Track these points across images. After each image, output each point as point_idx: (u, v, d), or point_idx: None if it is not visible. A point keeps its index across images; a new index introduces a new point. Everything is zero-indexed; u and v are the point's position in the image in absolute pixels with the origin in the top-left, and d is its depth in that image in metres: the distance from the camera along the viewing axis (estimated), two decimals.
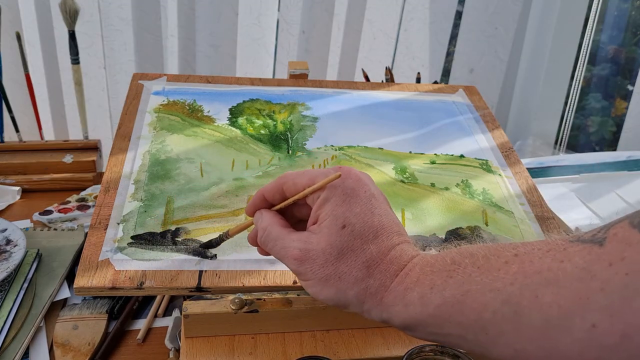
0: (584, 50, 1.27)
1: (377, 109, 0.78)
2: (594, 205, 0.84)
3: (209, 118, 0.72)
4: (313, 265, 0.40)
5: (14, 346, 0.59)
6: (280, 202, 0.45)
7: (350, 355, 0.51)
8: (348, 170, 0.42)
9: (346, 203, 0.40)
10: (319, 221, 0.41)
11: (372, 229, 0.40)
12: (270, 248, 0.43)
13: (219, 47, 1.25)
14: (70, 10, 0.90)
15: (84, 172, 0.94)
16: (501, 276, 0.33)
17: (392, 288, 0.38)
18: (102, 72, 1.21)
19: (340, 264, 0.39)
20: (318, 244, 0.40)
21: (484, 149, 0.73)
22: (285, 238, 0.42)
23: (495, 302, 0.33)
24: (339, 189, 0.41)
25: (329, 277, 0.39)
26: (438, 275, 0.36)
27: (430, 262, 0.38)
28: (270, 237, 0.43)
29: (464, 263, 0.36)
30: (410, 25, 1.28)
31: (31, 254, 0.70)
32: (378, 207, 0.41)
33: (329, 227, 0.40)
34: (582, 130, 1.62)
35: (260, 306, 0.52)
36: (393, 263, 0.39)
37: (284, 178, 0.44)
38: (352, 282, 0.39)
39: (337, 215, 0.40)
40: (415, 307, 0.37)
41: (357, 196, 0.41)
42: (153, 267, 0.51)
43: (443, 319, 0.36)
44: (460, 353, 0.46)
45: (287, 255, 0.41)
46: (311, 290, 0.41)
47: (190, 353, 0.51)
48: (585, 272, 0.30)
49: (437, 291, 0.36)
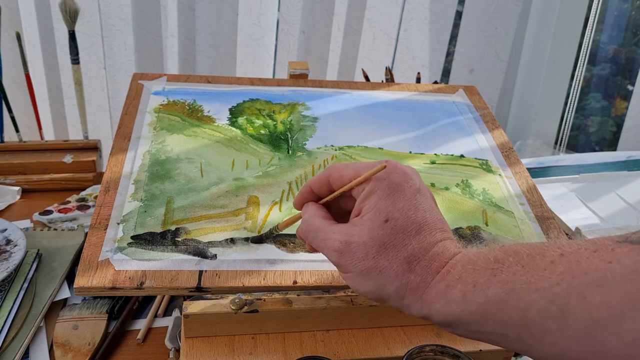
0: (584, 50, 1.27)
1: (377, 109, 0.78)
2: (594, 205, 0.84)
3: (209, 118, 0.72)
4: (353, 258, 0.40)
5: (14, 346, 0.59)
6: (328, 194, 0.45)
7: (350, 355, 0.51)
8: (394, 164, 0.42)
9: (390, 197, 0.40)
10: (362, 214, 0.41)
11: (415, 225, 0.40)
12: (312, 239, 0.43)
13: (219, 47, 1.25)
14: (70, 10, 0.90)
15: (84, 172, 0.95)
16: (547, 276, 0.33)
17: (434, 285, 0.38)
18: (102, 72, 1.21)
19: (382, 258, 0.39)
20: (359, 236, 0.40)
21: (484, 149, 0.73)
22: (327, 230, 0.42)
23: (542, 301, 0.33)
24: (384, 182, 0.41)
25: (370, 270, 0.39)
26: (481, 273, 0.36)
27: (472, 259, 0.38)
28: (311, 228, 0.43)
29: (508, 261, 0.36)
30: (410, 25, 1.28)
31: (31, 254, 0.70)
32: (423, 202, 0.41)
33: (371, 220, 0.40)
34: (582, 130, 1.62)
35: (260, 306, 0.52)
36: (435, 259, 0.39)
37: (330, 170, 0.44)
38: (392, 277, 0.39)
39: (381, 209, 0.40)
40: (457, 304, 0.37)
41: (402, 190, 0.41)
42: (153, 267, 0.51)
43: (486, 318, 0.35)
44: (460, 353, 0.46)
45: (327, 247, 0.41)
46: (351, 283, 0.41)
47: (190, 353, 0.51)
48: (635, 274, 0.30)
49: (480, 289, 0.36)
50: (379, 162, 0.41)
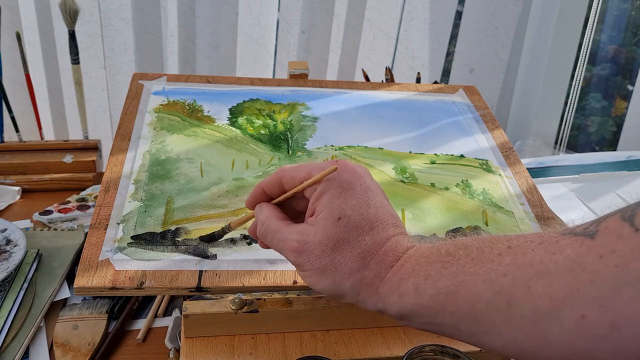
0: (584, 50, 1.27)
1: (377, 109, 0.78)
2: (593, 205, 0.84)
3: (209, 118, 0.72)
4: (310, 257, 0.41)
5: (14, 346, 0.59)
6: (279, 195, 0.45)
7: (350, 355, 0.51)
8: (344, 163, 0.43)
9: (342, 195, 0.41)
10: (316, 213, 0.42)
11: (368, 221, 0.41)
12: (270, 241, 0.44)
13: (219, 47, 1.25)
14: (70, 10, 0.90)
15: (84, 172, 0.95)
16: (494, 267, 0.34)
17: (387, 279, 0.39)
18: (102, 72, 1.21)
19: (337, 255, 0.40)
20: (315, 235, 0.41)
21: (484, 149, 0.73)
22: (284, 230, 0.43)
23: (488, 293, 0.33)
24: (335, 182, 0.41)
25: (326, 267, 0.40)
26: (432, 266, 0.37)
27: (425, 253, 0.39)
28: (269, 229, 0.44)
29: (458, 254, 0.36)
30: (410, 25, 1.28)
31: (31, 254, 0.70)
32: (374, 199, 0.42)
33: (325, 219, 0.41)
34: (582, 130, 1.62)
35: (260, 306, 0.52)
36: (388, 254, 0.40)
37: (282, 172, 0.44)
38: (348, 273, 0.40)
39: (333, 208, 0.41)
40: (409, 297, 0.37)
41: (352, 189, 0.41)
42: (153, 267, 0.51)
43: (437, 310, 0.36)
44: (460, 353, 0.46)
45: (285, 247, 0.42)
46: (308, 281, 0.42)
47: (190, 353, 0.51)
48: (576, 264, 0.30)
49: (431, 282, 0.37)
50: (330, 163, 0.42)
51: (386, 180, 0.65)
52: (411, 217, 0.60)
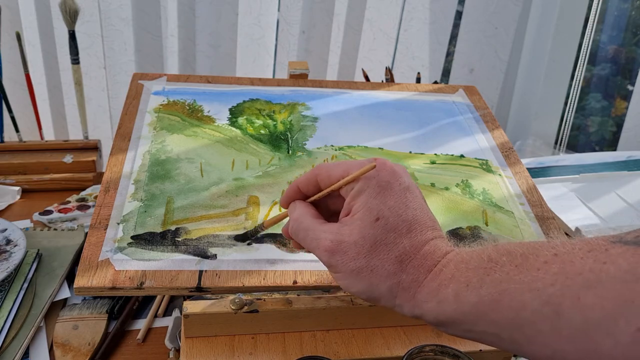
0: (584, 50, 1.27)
1: (377, 109, 0.78)
2: (594, 205, 0.84)
3: (209, 118, 0.72)
4: (344, 258, 0.39)
5: (14, 346, 0.59)
6: (315, 193, 0.44)
7: (350, 355, 0.51)
8: (383, 162, 0.41)
9: (380, 195, 0.40)
10: (352, 213, 0.40)
11: (406, 223, 0.39)
12: (302, 239, 0.42)
13: (219, 47, 1.25)
14: (70, 10, 0.90)
15: (84, 172, 0.95)
16: (541, 276, 0.33)
17: (426, 284, 0.38)
18: (102, 72, 1.21)
19: (373, 257, 0.39)
20: (350, 235, 0.39)
21: (484, 149, 0.73)
22: (317, 229, 0.41)
23: (535, 302, 0.32)
24: (374, 181, 0.40)
25: (361, 270, 0.39)
26: (474, 272, 0.36)
27: (465, 258, 0.37)
28: (301, 227, 0.42)
29: (501, 261, 0.35)
30: (410, 25, 1.28)
31: (31, 254, 0.70)
32: (412, 200, 0.40)
33: (362, 219, 0.39)
34: (582, 130, 1.62)
35: (260, 306, 0.52)
36: (426, 258, 0.39)
37: (318, 169, 0.43)
38: (384, 276, 0.39)
39: (371, 208, 0.39)
40: (449, 304, 0.36)
41: (391, 189, 0.40)
42: (153, 267, 0.51)
43: (478, 317, 0.35)
44: (460, 353, 0.46)
45: (318, 247, 0.41)
46: (342, 283, 0.40)
47: (190, 353, 0.51)
48: (630, 275, 0.29)
49: (473, 289, 0.35)
50: (368, 161, 0.41)
51: None
52: None
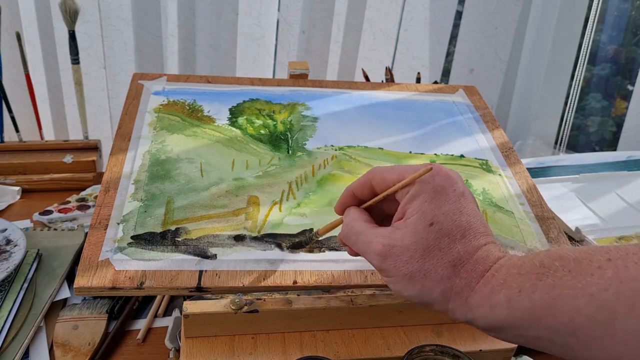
0: (584, 50, 1.27)
1: (377, 109, 0.78)
2: (594, 205, 0.84)
3: (209, 118, 0.72)
4: (397, 262, 0.39)
5: (14, 346, 0.59)
6: (370, 198, 0.44)
7: (350, 355, 0.51)
8: (438, 167, 0.41)
9: (435, 200, 0.40)
10: (406, 217, 0.40)
11: (460, 229, 0.40)
12: (353, 243, 0.43)
13: (219, 47, 1.25)
14: (70, 10, 0.90)
15: (84, 172, 0.95)
16: (595, 281, 0.33)
17: (478, 289, 0.38)
18: (102, 72, 1.21)
19: (426, 262, 0.39)
20: (403, 240, 0.40)
21: (484, 149, 0.73)
22: (369, 233, 0.41)
23: (589, 307, 0.32)
24: (429, 186, 0.40)
25: (414, 274, 0.39)
26: (526, 277, 0.36)
27: (517, 264, 0.37)
28: (353, 231, 0.43)
29: (554, 266, 0.35)
30: (410, 25, 1.28)
31: (31, 254, 0.70)
32: (467, 206, 0.41)
33: (415, 224, 0.40)
34: (582, 130, 1.62)
35: (260, 306, 0.52)
36: (479, 263, 0.39)
37: (372, 173, 0.43)
38: (437, 281, 0.39)
39: (426, 212, 0.40)
40: (502, 309, 0.36)
41: (446, 194, 0.40)
42: (153, 267, 0.51)
43: (531, 322, 0.35)
44: (460, 353, 0.46)
45: (370, 250, 0.41)
46: (395, 287, 0.41)
47: (190, 353, 0.51)
48: None
49: (525, 294, 0.35)
50: (423, 165, 0.41)
51: None
52: None
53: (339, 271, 0.53)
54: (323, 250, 0.55)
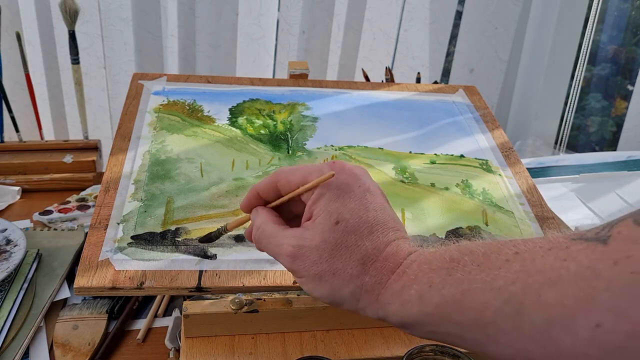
0: (584, 50, 1.27)
1: (377, 109, 0.78)
2: (594, 205, 0.84)
3: (209, 118, 0.72)
4: (306, 262, 0.39)
5: (14, 346, 0.59)
6: (275, 199, 0.44)
7: (350, 355, 0.51)
8: (341, 165, 0.41)
9: (340, 198, 0.40)
10: (313, 217, 0.40)
11: (367, 225, 0.39)
12: (265, 245, 0.42)
13: (219, 47, 1.25)
14: (70, 10, 0.90)
15: (84, 172, 0.95)
16: (502, 274, 0.33)
17: (389, 285, 0.38)
18: (102, 72, 1.21)
19: (335, 261, 0.39)
20: (312, 240, 0.39)
21: (484, 149, 0.73)
22: (279, 235, 0.41)
23: (496, 301, 0.32)
24: (333, 185, 0.40)
25: (323, 274, 0.39)
26: (436, 272, 0.36)
27: (428, 259, 0.37)
28: (264, 234, 0.42)
29: (463, 260, 0.35)
30: (410, 25, 1.28)
31: (31, 254, 0.70)
32: (373, 202, 0.40)
33: (322, 224, 0.39)
34: (582, 130, 1.62)
35: (260, 306, 0.52)
36: (389, 260, 0.38)
37: (277, 175, 0.43)
38: (347, 279, 0.38)
39: (331, 211, 0.39)
40: (412, 305, 0.36)
41: (351, 191, 0.40)
42: (153, 267, 0.51)
43: (441, 318, 0.35)
44: (460, 353, 0.46)
45: (280, 253, 0.41)
46: (306, 288, 0.41)
47: (190, 353, 0.51)
48: (590, 271, 0.29)
49: (435, 289, 0.35)
50: (327, 166, 0.41)
51: (386, 180, 0.65)
52: (411, 217, 0.60)
53: None
54: None
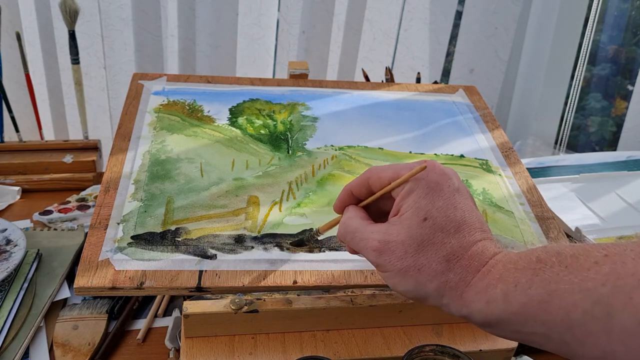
0: (584, 50, 1.27)
1: (377, 109, 0.78)
2: (594, 205, 0.84)
3: (209, 118, 0.72)
4: (392, 257, 0.40)
5: (14, 346, 0.59)
6: (367, 196, 0.45)
7: (350, 355, 0.51)
8: (432, 164, 0.42)
9: (429, 196, 0.40)
10: (400, 212, 0.41)
11: (454, 223, 0.40)
12: (350, 240, 0.43)
13: (219, 47, 1.25)
14: (70, 10, 0.90)
15: (84, 172, 0.95)
16: (591, 276, 0.32)
17: (474, 284, 0.38)
18: (102, 72, 1.21)
19: (420, 257, 0.39)
20: (398, 235, 0.40)
21: (484, 149, 0.73)
22: (365, 229, 0.42)
23: (585, 302, 0.32)
24: (423, 182, 0.41)
25: (408, 269, 0.39)
26: (523, 272, 0.36)
27: (513, 259, 0.37)
28: (349, 229, 0.43)
29: (551, 261, 0.35)
30: (410, 25, 1.28)
31: (31, 254, 0.70)
32: (461, 202, 0.41)
33: (410, 219, 0.40)
34: (582, 130, 1.62)
35: (260, 306, 0.52)
36: (474, 259, 0.39)
37: (369, 172, 0.44)
38: (431, 275, 0.39)
39: (420, 208, 0.40)
40: (497, 304, 0.36)
41: (440, 190, 0.41)
42: (153, 267, 0.51)
43: (527, 318, 0.35)
44: (460, 353, 0.46)
45: (366, 247, 0.41)
46: (390, 282, 0.41)
47: (190, 353, 0.51)
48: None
49: (521, 289, 0.35)
50: (418, 163, 0.42)
51: None
52: None
53: (339, 271, 0.53)
54: (323, 250, 0.55)
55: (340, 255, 0.55)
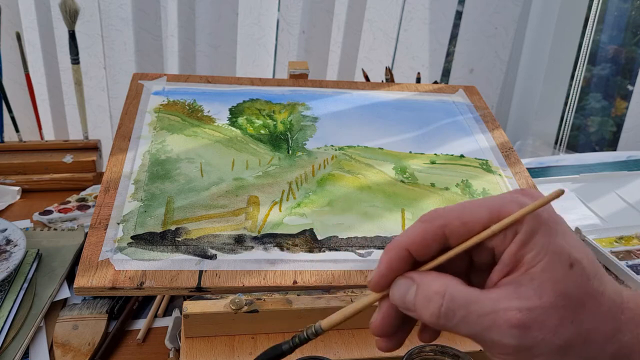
0: (584, 50, 1.27)
1: (377, 109, 0.78)
2: (594, 205, 0.84)
3: (209, 118, 0.72)
4: (544, 331, 0.28)
5: (14, 346, 0.59)
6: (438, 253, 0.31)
7: (350, 355, 0.51)
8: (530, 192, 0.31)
9: (560, 233, 0.29)
10: (526, 264, 0.29)
11: (593, 264, 0.29)
12: (461, 319, 0.29)
13: (219, 47, 1.25)
14: (70, 10, 0.90)
15: (84, 172, 0.94)
16: None
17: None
18: (102, 72, 1.21)
19: (583, 320, 0.28)
20: (541, 297, 0.28)
21: (484, 149, 0.73)
22: (484, 300, 0.29)
23: None
24: (544, 215, 0.29)
25: (572, 342, 0.28)
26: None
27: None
28: (455, 303, 0.29)
29: None
30: (410, 25, 1.28)
31: (31, 254, 0.70)
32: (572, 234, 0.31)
33: (550, 271, 0.28)
34: (582, 130, 1.62)
35: (260, 306, 0.52)
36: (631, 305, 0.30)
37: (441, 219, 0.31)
38: (602, 342, 0.29)
39: (558, 251, 0.29)
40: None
41: (562, 222, 0.30)
42: (153, 267, 0.51)
43: None
44: (460, 353, 0.46)
45: (497, 324, 0.28)
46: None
47: (190, 353, 0.51)
48: None
49: None
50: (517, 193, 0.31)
51: (386, 180, 0.65)
52: (411, 217, 0.60)
53: (339, 271, 0.53)
54: (323, 250, 0.55)
55: (340, 255, 0.55)
